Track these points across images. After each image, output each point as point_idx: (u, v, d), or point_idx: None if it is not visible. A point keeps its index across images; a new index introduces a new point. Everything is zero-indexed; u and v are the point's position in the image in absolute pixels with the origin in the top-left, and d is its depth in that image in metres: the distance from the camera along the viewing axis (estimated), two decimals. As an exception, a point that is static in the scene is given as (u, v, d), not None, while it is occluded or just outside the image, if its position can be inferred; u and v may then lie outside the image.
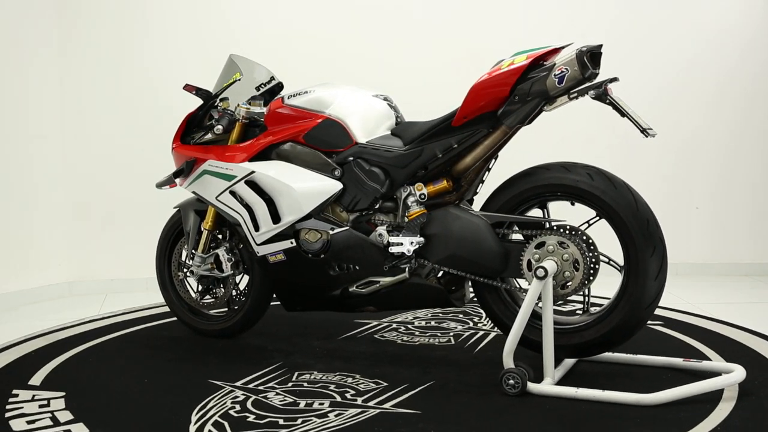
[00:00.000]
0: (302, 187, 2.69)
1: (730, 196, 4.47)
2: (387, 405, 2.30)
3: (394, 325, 3.28)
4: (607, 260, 2.49)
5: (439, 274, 2.67)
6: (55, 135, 4.17)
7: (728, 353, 2.71)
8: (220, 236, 3.08)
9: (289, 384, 2.52)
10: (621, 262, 2.49)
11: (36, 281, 4.08)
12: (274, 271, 2.84)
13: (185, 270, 3.11)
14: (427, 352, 2.89)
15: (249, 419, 2.20)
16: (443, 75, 4.24)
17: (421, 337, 3.10)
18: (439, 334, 3.13)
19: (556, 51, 2.47)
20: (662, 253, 2.38)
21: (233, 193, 2.84)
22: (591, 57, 2.38)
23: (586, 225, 2.51)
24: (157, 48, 4.24)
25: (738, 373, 2.34)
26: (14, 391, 2.48)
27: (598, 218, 2.51)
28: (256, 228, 2.81)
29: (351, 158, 2.71)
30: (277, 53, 4.16)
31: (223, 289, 3.08)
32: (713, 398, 2.26)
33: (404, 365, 2.70)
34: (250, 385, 2.51)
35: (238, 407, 2.29)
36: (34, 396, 2.43)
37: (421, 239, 2.58)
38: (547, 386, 2.35)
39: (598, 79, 2.42)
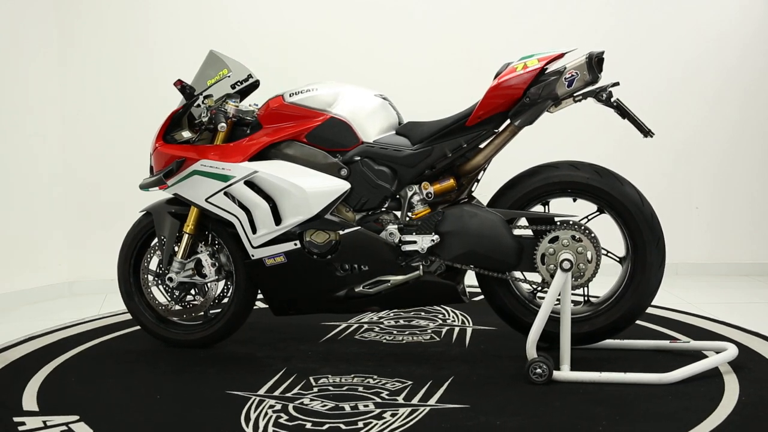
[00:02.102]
0: (312, 188, 2.63)
1: (729, 196, 4.48)
2: (431, 402, 2.32)
3: (366, 326, 3.28)
4: (605, 252, 2.67)
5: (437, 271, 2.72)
6: (55, 135, 4.16)
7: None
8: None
9: (315, 389, 2.45)
10: (617, 254, 2.69)
11: (36, 281, 4.08)
12: (271, 274, 2.74)
13: (159, 277, 2.92)
14: (422, 349, 2.92)
15: (307, 426, 2.13)
16: (443, 75, 4.28)
17: (402, 335, 3.12)
18: (418, 332, 3.17)
19: (560, 56, 2.61)
20: (664, 244, 2.60)
21: (228, 195, 2.71)
22: (597, 62, 2.54)
23: (586, 220, 2.67)
24: (158, 47, 4.23)
25: (732, 349, 2.61)
26: (15, 419, 2.21)
27: (598, 213, 2.69)
28: (254, 230, 2.71)
29: (358, 158, 2.69)
30: (278, 51, 4.25)
31: (202, 297, 2.93)
32: (718, 374, 2.50)
33: (411, 363, 2.72)
34: (275, 393, 2.42)
35: (284, 416, 2.21)
36: (45, 422, 2.18)
37: (436, 237, 2.62)
38: (572, 372, 2.48)
39: (600, 83, 2.59)
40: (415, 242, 2.64)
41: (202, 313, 2.94)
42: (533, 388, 2.42)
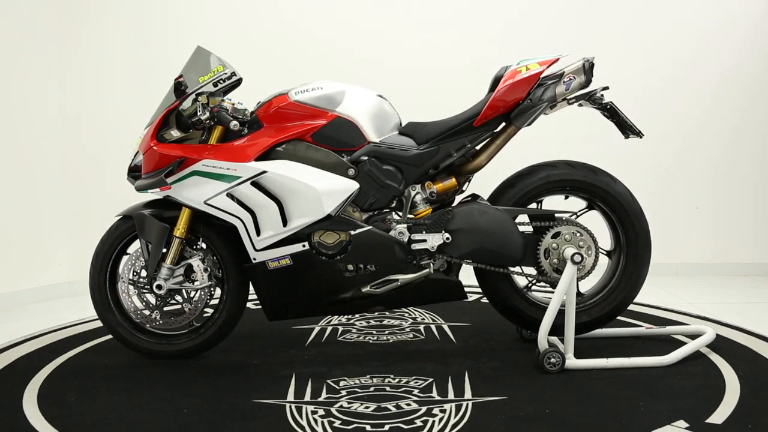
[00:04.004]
0: (324, 188, 2.58)
1: (730, 196, 4.50)
2: (466, 396, 2.36)
3: (341, 329, 3.25)
4: (593, 246, 2.84)
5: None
6: (55, 135, 4.17)
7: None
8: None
9: (342, 392, 2.41)
10: (604, 248, 2.87)
11: (36, 281, 4.10)
12: (273, 277, 2.66)
13: (143, 286, 2.73)
14: (415, 347, 2.95)
15: (367, 429, 2.09)
16: (441, 76, 4.30)
17: (382, 335, 3.13)
18: (397, 331, 3.19)
19: (556, 60, 2.75)
20: (651, 238, 2.81)
21: (231, 196, 2.59)
22: (589, 66, 2.71)
23: (575, 216, 2.83)
24: (156, 47, 4.26)
25: (710, 331, 2.86)
26: (41, 446, 2.01)
27: (587, 210, 2.85)
28: (257, 232, 2.61)
29: (365, 157, 2.67)
30: (277, 52, 4.32)
31: (190, 304, 2.78)
32: (701, 355, 2.74)
33: (416, 361, 2.74)
34: (305, 399, 2.35)
35: (337, 420, 2.16)
36: (82, 446, 2.00)
37: (448, 235, 2.66)
38: (580, 360, 2.62)
39: (591, 87, 2.76)
40: (425, 241, 2.67)
41: (193, 321, 2.79)
42: (551, 377, 2.53)
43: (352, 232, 2.63)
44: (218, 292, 3.02)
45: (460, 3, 4.39)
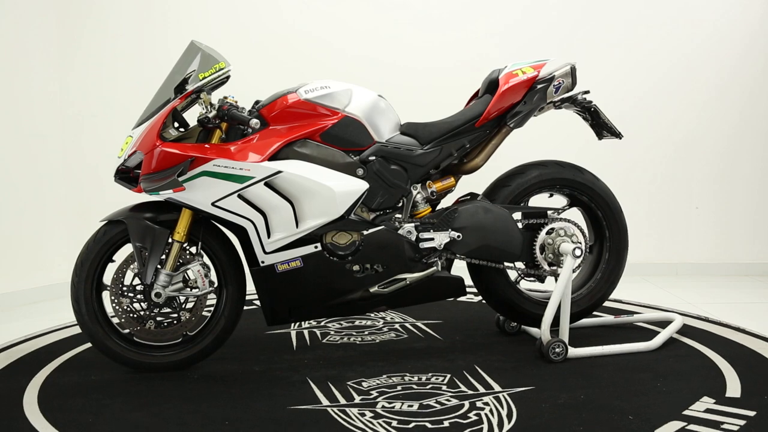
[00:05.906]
0: (339, 188, 2.54)
1: (730, 196, 4.50)
2: (496, 388, 2.42)
3: (318, 332, 3.20)
4: (575, 241, 3.00)
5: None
6: (55, 135, 4.16)
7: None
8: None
9: (374, 393, 2.39)
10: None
11: (36, 281, 4.09)
12: (282, 281, 2.58)
13: (137, 294, 2.56)
14: (407, 345, 2.97)
15: (428, 426, 2.10)
16: (438, 78, 4.30)
17: (363, 336, 3.12)
18: (376, 331, 3.20)
19: (544, 64, 2.88)
20: (628, 233, 3.01)
21: (242, 197, 2.49)
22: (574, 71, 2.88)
23: (559, 212, 2.97)
24: (157, 47, 4.24)
25: (678, 318, 3.11)
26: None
27: (569, 207, 3.01)
28: (268, 234, 2.53)
29: (373, 157, 2.66)
30: (277, 52, 4.31)
31: (188, 312, 2.63)
32: (676, 340, 2.98)
33: (420, 359, 2.76)
34: (341, 402, 2.31)
35: (393, 421, 2.14)
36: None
37: (456, 233, 2.71)
38: (580, 349, 2.76)
39: (576, 90, 2.93)
40: (432, 239, 2.70)
41: (191, 329, 2.65)
42: (559, 365, 2.65)
43: (365, 232, 2.61)
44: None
45: (459, 3, 4.44)
